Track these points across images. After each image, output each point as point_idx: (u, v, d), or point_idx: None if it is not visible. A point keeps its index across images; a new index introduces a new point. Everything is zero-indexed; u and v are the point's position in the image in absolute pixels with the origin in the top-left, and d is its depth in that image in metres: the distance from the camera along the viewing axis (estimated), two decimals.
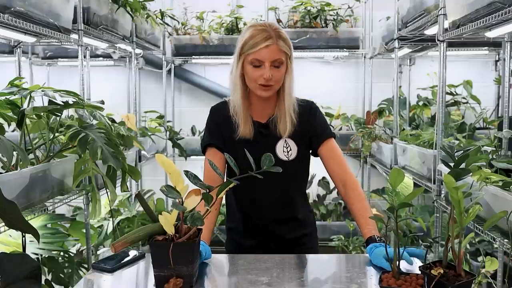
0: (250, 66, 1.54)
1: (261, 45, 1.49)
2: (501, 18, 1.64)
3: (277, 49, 1.51)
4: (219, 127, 1.66)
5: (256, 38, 1.51)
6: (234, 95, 1.61)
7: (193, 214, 1.16)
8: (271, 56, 1.50)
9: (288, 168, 1.58)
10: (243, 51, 1.55)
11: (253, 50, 1.51)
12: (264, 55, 1.50)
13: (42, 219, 2.32)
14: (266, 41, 1.50)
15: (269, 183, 1.55)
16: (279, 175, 1.56)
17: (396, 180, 1.16)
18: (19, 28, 1.90)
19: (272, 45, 1.50)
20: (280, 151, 1.62)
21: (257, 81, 1.53)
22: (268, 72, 1.50)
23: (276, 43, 1.50)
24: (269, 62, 1.50)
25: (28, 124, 1.73)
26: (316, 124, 1.66)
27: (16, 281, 1.12)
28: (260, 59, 1.51)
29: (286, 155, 1.62)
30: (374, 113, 3.86)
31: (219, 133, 1.64)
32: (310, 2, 3.78)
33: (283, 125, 1.60)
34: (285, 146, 1.62)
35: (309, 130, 1.65)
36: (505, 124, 2.34)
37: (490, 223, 1.19)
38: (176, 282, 1.15)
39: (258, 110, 1.64)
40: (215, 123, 1.68)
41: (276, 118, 1.62)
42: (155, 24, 3.57)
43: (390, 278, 1.18)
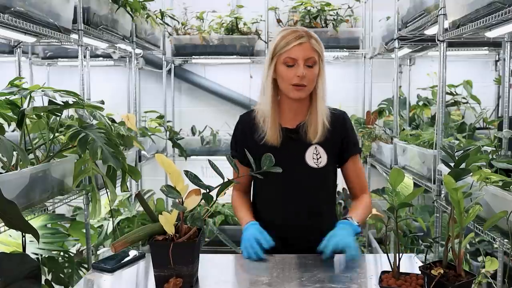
0: (283, 66, 1.52)
1: (293, 43, 1.50)
2: (501, 18, 1.64)
3: (310, 47, 1.51)
4: (244, 136, 1.64)
5: (288, 37, 1.51)
6: (263, 100, 1.59)
7: (193, 214, 1.16)
8: (304, 54, 1.49)
9: (317, 176, 1.59)
10: (275, 52, 1.53)
11: (285, 49, 1.50)
12: (297, 53, 1.49)
13: (42, 219, 2.32)
14: (299, 39, 1.50)
15: (297, 190, 1.58)
16: (308, 182, 1.58)
17: (396, 180, 1.16)
18: (19, 28, 1.90)
19: (305, 43, 1.50)
20: (310, 158, 1.58)
21: (291, 81, 1.51)
22: (302, 70, 1.49)
23: (308, 41, 1.51)
24: (302, 61, 1.49)
25: (28, 124, 1.73)
26: (349, 137, 1.64)
27: (16, 281, 1.12)
28: (294, 57, 1.50)
29: (316, 162, 1.58)
30: (374, 113, 3.86)
31: (243, 143, 1.62)
32: (310, 2, 3.78)
33: (314, 130, 1.57)
34: (315, 153, 1.59)
35: (342, 141, 1.62)
36: (505, 124, 2.34)
37: (490, 223, 1.19)
38: (176, 282, 1.15)
39: (288, 116, 1.62)
40: (240, 132, 1.67)
41: (307, 123, 1.59)
42: (155, 24, 3.57)
43: (390, 278, 1.18)
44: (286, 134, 1.59)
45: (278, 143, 1.57)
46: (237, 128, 1.70)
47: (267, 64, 1.57)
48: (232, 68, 4.23)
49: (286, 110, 1.61)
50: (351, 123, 1.68)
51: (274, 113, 1.57)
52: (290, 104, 1.60)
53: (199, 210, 1.49)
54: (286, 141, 1.58)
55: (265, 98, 1.58)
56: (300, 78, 1.49)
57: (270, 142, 1.57)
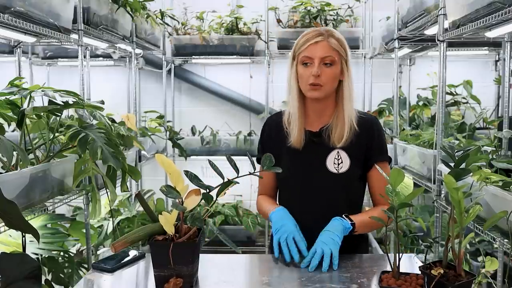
0: (301, 65, 1.51)
1: (311, 41, 1.48)
2: (501, 18, 1.64)
3: (327, 45, 1.48)
4: (269, 138, 1.63)
5: (307, 36, 1.51)
6: (290, 102, 1.57)
7: (193, 214, 1.16)
8: (321, 53, 1.47)
9: (337, 182, 1.53)
10: (295, 51, 1.52)
11: (303, 47, 1.49)
12: (314, 52, 1.48)
13: (42, 219, 2.32)
14: (316, 38, 1.49)
15: (316, 195, 1.54)
16: (327, 188, 1.54)
17: (396, 180, 1.16)
18: (19, 28, 1.90)
19: (322, 41, 1.48)
20: (331, 162, 1.53)
21: (308, 80, 1.48)
22: (317, 68, 1.46)
23: (326, 40, 1.49)
24: (318, 59, 1.47)
25: (28, 124, 1.73)
26: (375, 143, 1.56)
27: (16, 281, 1.12)
28: (310, 56, 1.48)
29: (336, 168, 1.53)
30: (374, 113, 3.85)
31: (269, 145, 1.60)
32: (310, 2, 3.78)
33: (339, 133, 1.52)
34: (337, 158, 1.54)
35: (367, 146, 1.55)
36: (505, 124, 2.34)
37: (490, 223, 1.19)
38: (176, 282, 1.15)
39: (312, 119, 1.58)
40: (266, 134, 1.65)
41: (332, 126, 1.54)
42: (155, 24, 3.57)
43: (390, 278, 1.18)
44: (309, 137, 1.56)
45: (300, 146, 1.54)
46: (264, 131, 1.67)
47: (289, 64, 1.56)
48: (232, 68, 4.23)
49: (310, 112, 1.58)
50: (380, 129, 1.59)
51: (300, 115, 1.54)
52: (313, 106, 1.56)
53: (199, 210, 1.49)
54: (308, 145, 1.55)
55: (291, 100, 1.56)
56: (314, 77, 1.47)
57: (293, 145, 1.54)
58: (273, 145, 1.60)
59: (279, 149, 1.57)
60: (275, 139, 1.61)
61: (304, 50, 1.49)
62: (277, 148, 1.57)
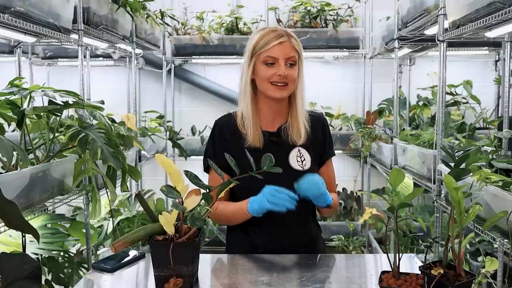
0: (262, 65, 1.50)
1: (274, 42, 1.48)
2: (501, 18, 1.64)
3: (290, 46, 1.50)
4: (224, 141, 1.57)
5: (268, 36, 1.50)
6: (243, 102, 1.56)
7: (193, 214, 1.16)
8: (285, 53, 1.48)
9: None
10: (255, 51, 1.51)
11: (266, 48, 1.49)
12: (278, 52, 1.48)
13: (42, 219, 2.32)
14: (279, 38, 1.49)
15: None
16: (293, 186, 1.49)
17: (396, 180, 1.16)
18: (19, 28, 1.90)
19: (285, 42, 1.49)
20: (294, 161, 1.55)
21: (270, 79, 1.49)
22: (284, 68, 1.47)
23: (289, 40, 1.50)
24: (283, 60, 1.48)
25: (28, 124, 1.73)
26: (327, 141, 1.64)
27: (16, 281, 1.12)
28: (274, 56, 1.48)
29: (301, 165, 1.56)
30: (374, 113, 3.86)
31: (224, 148, 1.51)
32: (310, 2, 3.78)
33: (297, 133, 1.55)
34: (299, 156, 1.56)
35: (321, 144, 1.62)
36: (505, 124, 2.34)
37: (490, 223, 1.19)
38: (176, 282, 1.16)
39: (267, 119, 1.59)
40: (219, 137, 1.59)
41: (288, 125, 1.57)
42: (155, 24, 3.57)
43: (390, 278, 1.18)
44: (268, 137, 1.56)
45: (261, 145, 1.53)
46: (215, 133, 1.61)
47: (245, 65, 1.54)
48: (232, 68, 4.23)
49: (265, 112, 1.58)
50: (328, 125, 1.68)
51: (255, 115, 1.54)
52: (269, 106, 1.57)
53: (199, 210, 1.49)
54: (268, 144, 1.54)
55: (245, 100, 1.55)
56: (281, 77, 1.48)
57: (252, 145, 1.52)
58: (230, 146, 1.54)
59: (236, 150, 1.49)
60: (230, 140, 1.56)
61: (268, 50, 1.48)
62: (235, 149, 1.50)
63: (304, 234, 1.59)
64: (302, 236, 1.58)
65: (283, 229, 1.54)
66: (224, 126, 1.60)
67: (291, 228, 1.55)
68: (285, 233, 1.55)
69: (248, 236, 1.57)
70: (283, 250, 1.52)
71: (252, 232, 1.56)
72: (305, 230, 1.60)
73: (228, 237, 1.68)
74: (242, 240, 1.59)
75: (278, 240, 1.55)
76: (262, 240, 1.55)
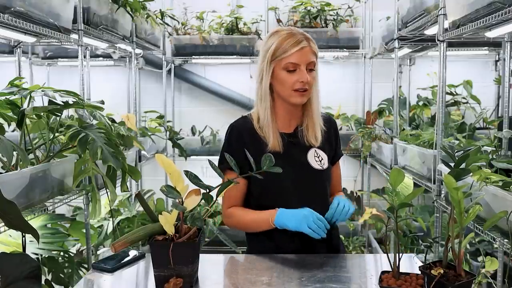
0: (284, 72, 1.48)
1: (295, 47, 1.46)
2: (501, 18, 1.64)
3: (310, 51, 1.48)
4: (243, 144, 1.50)
5: (288, 42, 1.47)
6: (262, 107, 1.54)
7: (193, 214, 1.17)
8: (307, 59, 1.47)
9: (323, 178, 1.57)
10: (274, 57, 1.48)
11: (286, 54, 1.46)
12: (300, 58, 1.46)
13: (42, 219, 2.32)
14: (300, 44, 1.46)
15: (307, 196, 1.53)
16: (316, 186, 1.55)
17: (396, 180, 1.16)
18: (19, 28, 1.90)
19: (306, 47, 1.47)
20: (313, 160, 1.56)
21: (293, 86, 1.47)
22: (306, 75, 1.46)
23: (308, 45, 1.48)
24: (304, 65, 1.47)
25: (28, 124, 1.73)
26: (338, 142, 1.68)
27: (16, 281, 1.12)
28: (296, 62, 1.46)
29: (320, 164, 1.56)
30: (374, 113, 3.86)
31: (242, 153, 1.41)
32: (310, 2, 3.78)
33: (313, 133, 1.56)
34: (316, 156, 1.57)
35: (333, 145, 1.65)
36: (505, 124, 2.34)
37: (490, 223, 1.19)
38: (176, 282, 1.16)
39: (284, 121, 1.58)
40: (237, 140, 1.55)
41: (305, 127, 1.57)
42: (155, 24, 3.57)
43: (390, 278, 1.18)
44: (287, 139, 1.55)
45: (280, 149, 1.52)
46: (232, 137, 1.57)
47: (264, 70, 1.51)
48: (232, 68, 4.23)
49: (282, 115, 1.57)
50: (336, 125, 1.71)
51: (273, 119, 1.54)
52: (286, 109, 1.56)
53: (199, 210, 1.49)
54: (287, 146, 1.54)
55: (264, 104, 1.53)
56: (304, 84, 1.47)
57: (273, 150, 1.51)
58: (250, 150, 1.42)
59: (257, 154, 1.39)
60: (250, 143, 1.52)
61: (289, 56, 1.46)
62: (255, 154, 1.40)
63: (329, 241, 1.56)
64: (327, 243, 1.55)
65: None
66: (242, 130, 1.57)
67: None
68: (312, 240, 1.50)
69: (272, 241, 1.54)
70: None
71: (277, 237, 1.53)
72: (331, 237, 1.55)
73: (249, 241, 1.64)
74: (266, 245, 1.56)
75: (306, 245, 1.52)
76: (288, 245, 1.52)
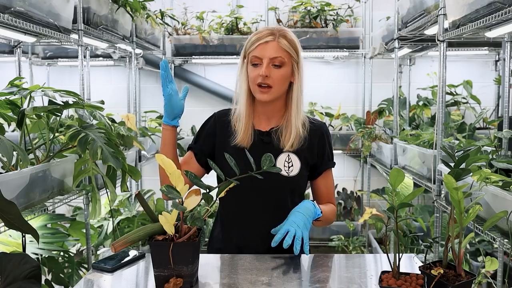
0: (250, 66, 1.48)
1: (259, 41, 1.45)
2: (501, 18, 1.64)
3: (277, 46, 1.44)
4: (213, 132, 1.56)
5: (256, 36, 1.47)
6: (240, 102, 1.53)
7: (193, 214, 1.16)
8: (270, 53, 1.43)
9: (286, 185, 1.51)
10: (246, 50, 1.49)
11: (253, 47, 1.46)
12: (263, 52, 1.44)
13: (42, 219, 2.32)
14: (265, 38, 1.45)
15: (264, 198, 1.50)
16: (276, 191, 1.50)
17: (396, 180, 1.16)
18: (19, 28, 1.90)
19: (272, 42, 1.44)
20: (281, 165, 1.50)
21: (256, 80, 1.45)
22: (265, 69, 1.42)
23: (276, 40, 1.44)
24: (267, 60, 1.43)
25: (28, 124, 1.73)
26: (326, 152, 1.57)
27: (16, 281, 1.12)
28: (259, 56, 1.44)
29: (287, 171, 1.50)
30: (374, 113, 3.86)
31: (210, 139, 1.55)
32: (310, 2, 3.78)
33: (289, 137, 1.49)
34: (287, 161, 1.51)
35: (318, 154, 1.56)
36: (505, 124, 2.34)
37: (490, 223, 1.19)
38: (176, 282, 1.15)
39: (262, 119, 1.55)
40: (211, 127, 1.58)
41: (282, 129, 1.51)
42: (155, 24, 3.57)
43: (390, 278, 1.18)
44: (258, 136, 1.52)
45: (248, 145, 1.49)
46: (208, 122, 1.60)
47: (240, 63, 1.53)
48: (232, 68, 4.23)
49: (260, 112, 1.55)
50: (329, 135, 1.61)
51: (248, 115, 1.51)
52: (263, 106, 1.53)
53: (199, 210, 1.49)
54: (257, 144, 1.50)
55: (240, 99, 1.52)
56: (262, 77, 1.43)
57: (239, 144, 1.48)
58: (217, 140, 1.53)
59: (223, 145, 1.50)
60: (220, 134, 1.54)
61: (254, 49, 1.45)
62: (221, 144, 1.51)
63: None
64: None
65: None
66: (219, 119, 1.58)
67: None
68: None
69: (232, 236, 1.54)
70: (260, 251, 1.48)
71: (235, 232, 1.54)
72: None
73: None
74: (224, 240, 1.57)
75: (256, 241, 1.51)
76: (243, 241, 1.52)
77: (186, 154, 1.61)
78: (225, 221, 1.58)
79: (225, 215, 1.58)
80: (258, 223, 1.51)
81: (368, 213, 3.55)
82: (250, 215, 1.52)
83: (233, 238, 1.55)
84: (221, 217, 1.60)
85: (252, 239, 1.51)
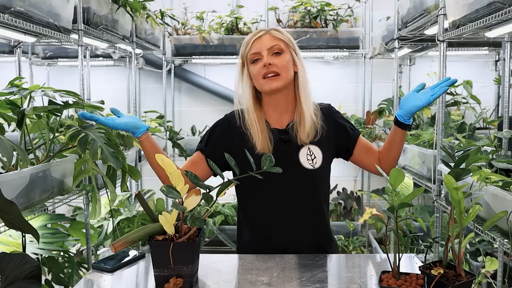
0: (251, 65, 1.51)
1: (253, 38, 1.51)
2: (501, 18, 1.64)
3: (270, 37, 1.50)
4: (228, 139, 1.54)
5: (250, 35, 1.54)
6: (245, 105, 1.54)
7: (193, 214, 1.17)
8: (266, 44, 1.49)
9: (314, 178, 1.51)
10: (243, 55, 1.54)
11: (248, 46, 1.51)
12: (259, 45, 1.49)
13: (42, 219, 2.32)
14: (259, 33, 1.52)
15: (297, 196, 1.51)
16: (306, 186, 1.50)
17: (396, 180, 1.16)
18: (19, 28, 1.90)
19: (264, 35, 1.51)
20: (304, 159, 1.49)
21: (261, 73, 1.47)
22: (266, 58, 1.46)
23: (268, 32, 1.51)
24: (266, 51, 1.48)
25: (28, 124, 1.73)
26: (346, 126, 1.58)
27: (16, 281, 1.12)
28: (257, 51, 1.49)
29: (311, 163, 1.50)
30: (374, 113, 3.86)
31: (223, 145, 1.53)
32: (310, 2, 3.78)
33: (305, 130, 1.49)
34: (309, 154, 1.50)
35: (340, 134, 1.56)
36: (505, 124, 2.34)
37: (490, 223, 1.19)
38: (176, 282, 1.16)
39: (274, 118, 1.55)
40: (223, 132, 1.57)
41: (296, 123, 1.51)
42: (155, 24, 3.57)
43: (390, 278, 1.18)
44: (278, 135, 1.52)
45: (270, 150, 1.48)
46: (220, 126, 1.60)
47: (239, 71, 1.57)
48: (232, 68, 4.20)
49: (271, 111, 1.55)
50: (337, 111, 1.62)
51: (259, 116, 1.51)
52: (273, 103, 1.54)
53: (199, 210, 1.49)
54: (277, 144, 1.50)
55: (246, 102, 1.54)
56: (267, 67, 1.46)
57: (261, 152, 1.46)
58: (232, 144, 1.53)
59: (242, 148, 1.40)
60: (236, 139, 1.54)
61: (250, 48, 1.50)
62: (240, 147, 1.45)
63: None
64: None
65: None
66: (233, 123, 1.57)
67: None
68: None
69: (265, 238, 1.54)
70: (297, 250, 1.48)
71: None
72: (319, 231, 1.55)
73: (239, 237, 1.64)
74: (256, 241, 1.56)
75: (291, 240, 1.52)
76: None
77: (195, 154, 1.60)
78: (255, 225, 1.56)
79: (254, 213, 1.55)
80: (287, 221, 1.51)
81: (368, 213, 3.55)
82: (281, 212, 1.51)
83: (269, 240, 1.52)
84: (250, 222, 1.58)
85: (292, 238, 1.50)
